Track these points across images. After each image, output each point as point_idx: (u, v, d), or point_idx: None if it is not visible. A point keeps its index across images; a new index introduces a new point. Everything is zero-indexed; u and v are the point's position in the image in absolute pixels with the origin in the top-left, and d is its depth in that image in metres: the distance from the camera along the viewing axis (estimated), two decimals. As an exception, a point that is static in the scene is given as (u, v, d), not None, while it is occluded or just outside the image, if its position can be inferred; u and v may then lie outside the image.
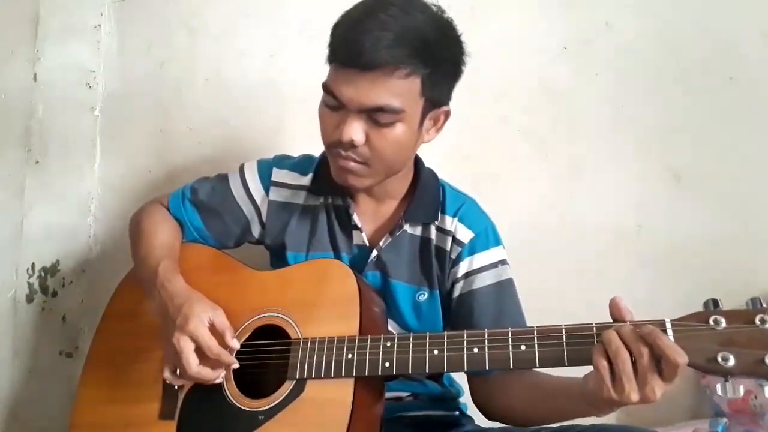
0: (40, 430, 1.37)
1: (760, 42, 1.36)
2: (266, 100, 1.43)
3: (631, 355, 0.70)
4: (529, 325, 1.01)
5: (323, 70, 0.92)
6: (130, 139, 1.45)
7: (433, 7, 0.90)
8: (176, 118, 1.45)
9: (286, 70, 1.43)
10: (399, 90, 0.86)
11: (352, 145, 0.88)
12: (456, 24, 0.92)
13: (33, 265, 1.41)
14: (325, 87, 0.89)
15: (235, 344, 0.88)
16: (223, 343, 0.87)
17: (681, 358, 0.67)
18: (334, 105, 0.89)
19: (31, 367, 1.40)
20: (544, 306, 1.12)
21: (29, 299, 1.41)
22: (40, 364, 1.40)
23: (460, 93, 1.42)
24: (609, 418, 1.32)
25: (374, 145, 0.89)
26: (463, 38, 0.93)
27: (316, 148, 1.14)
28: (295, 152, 1.15)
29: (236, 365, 0.89)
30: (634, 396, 0.69)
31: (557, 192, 1.40)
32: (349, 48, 0.85)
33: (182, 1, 1.47)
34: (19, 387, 1.39)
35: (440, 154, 1.26)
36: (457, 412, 1.06)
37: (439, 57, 0.88)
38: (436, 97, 0.92)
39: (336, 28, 0.90)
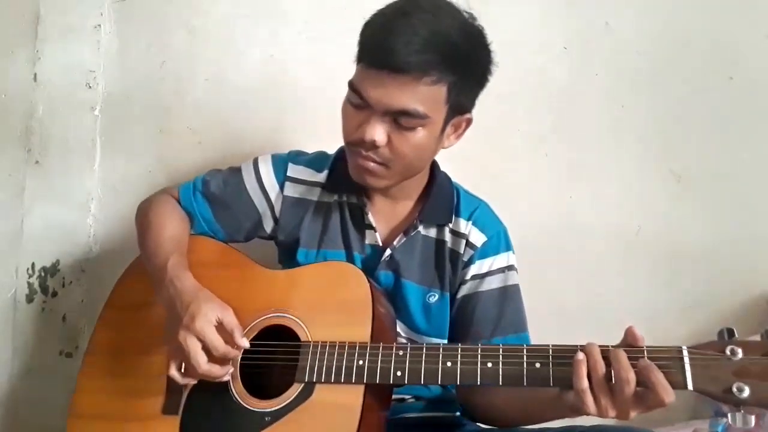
0: (40, 429, 1.37)
1: (760, 42, 1.36)
2: (266, 100, 1.43)
3: (617, 378, 0.71)
4: (529, 329, 1.02)
5: (322, 71, 0.93)
6: (130, 139, 1.45)
7: (464, 14, 0.90)
8: (176, 118, 1.45)
9: (286, 70, 1.43)
10: (425, 96, 0.86)
11: (373, 146, 0.88)
12: (486, 32, 0.92)
13: (33, 265, 1.41)
14: (352, 85, 0.89)
15: (245, 343, 0.88)
16: (230, 341, 0.86)
17: (668, 397, 0.70)
18: (358, 104, 0.89)
19: (31, 366, 1.40)
20: (543, 306, 1.12)
21: (29, 299, 1.41)
22: (40, 363, 1.40)
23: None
24: (609, 419, 1.33)
25: (395, 147, 0.89)
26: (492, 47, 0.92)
27: (316, 148, 1.14)
28: (295, 152, 1.15)
29: (243, 346, 0.88)
30: (612, 413, 0.72)
31: (557, 192, 1.39)
32: (380, 49, 0.85)
33: (182, 1, 1.46)
34: (19, 387, 1.39)
35: (440, 155, 1.26)
36: (458, 414, 1.06)
37: (467, 65, 0.88)
38: (461, 105, 0.92)
39: (367, 27, 0.89)
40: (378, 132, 0.87)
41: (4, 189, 1.42)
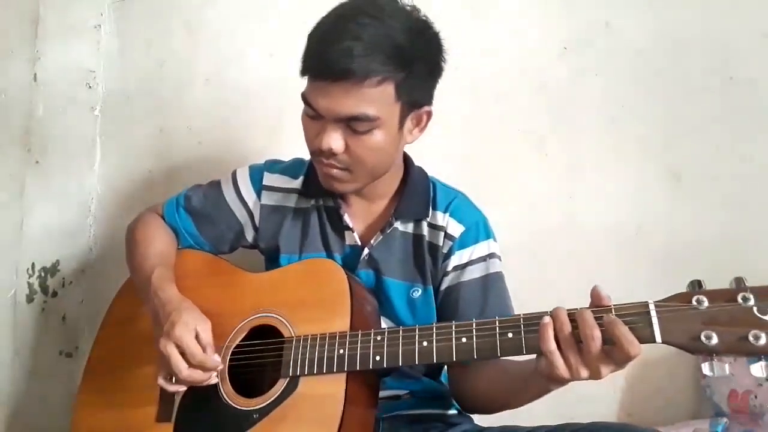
0: (40, 429, 1.37)
1: (760, 42, 1.36)
2: (266, 100, 1.43)
3: (583, 336, 0.72)
4: None
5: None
6: (130, 139, 1.45)
7: (407, 7, 0.90)
8: (176, 118, 1.45)
9: (286, 70, 1.42)
10: (372, 98, 0.86)
11: (332, 153, 0.90)
12: (432, 22, 0.91)
13: (33, 265, 1.42)
14: (303, 98, 0.91)
15: (216, 360, 0.89)
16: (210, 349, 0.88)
17: (634, 350, 0.70)
18: (312, 114, 0.91)
19: (32, 367, 1.40)
20: (542, 305, 1.11)
21: (29, 299, 1.41)
22: (40, 364, 1.40)
23: (460, 93, 1.42)
24: (609, 417, 1.33)
25: (354, 152, 0.90)
26: (441, 35, 0.92)
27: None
28: (295, 153, 1.15)
29: (221, 366, 0.90)
30: (584, 373, 0.73)
31: (557, 192, 1.40)
32: (320, 60, 0.86)
33: (182, 1, 1.47)
34: (19, 387, 1.39)
35: (440, 155, 1.26)
36: (454, 410, 1.06)
37: (414, 61, 0.88)
38: (415, 99, 0.92)
39: (309, 39, 0.90)
40: (334, 140, 0.88)
41: (4, 189, 1.42)
